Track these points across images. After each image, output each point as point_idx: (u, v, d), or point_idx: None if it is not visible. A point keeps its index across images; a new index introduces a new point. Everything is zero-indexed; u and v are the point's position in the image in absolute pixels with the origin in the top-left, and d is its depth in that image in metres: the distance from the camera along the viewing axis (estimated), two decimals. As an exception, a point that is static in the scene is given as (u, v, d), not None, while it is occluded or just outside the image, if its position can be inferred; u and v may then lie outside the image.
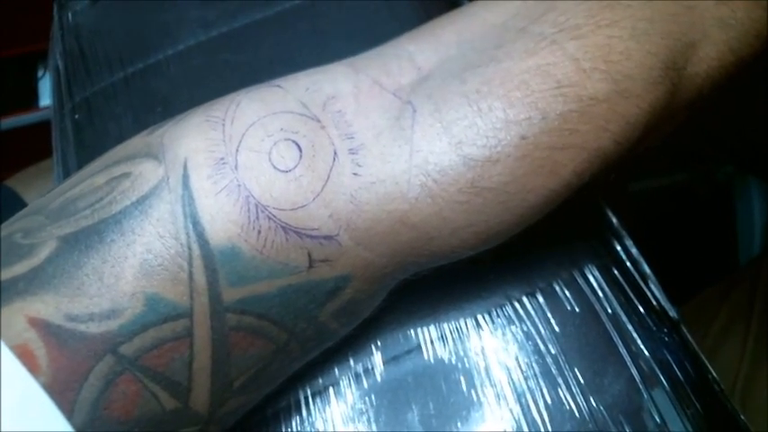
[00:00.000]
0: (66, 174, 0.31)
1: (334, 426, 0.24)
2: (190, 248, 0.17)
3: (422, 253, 0.19)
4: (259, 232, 0.18)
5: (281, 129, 0.19)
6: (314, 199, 0.18)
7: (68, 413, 0.16)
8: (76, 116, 0.32)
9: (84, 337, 0.17)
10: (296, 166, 0.18)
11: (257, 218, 0.18)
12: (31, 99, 0.94)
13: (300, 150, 0.19)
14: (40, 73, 0.95)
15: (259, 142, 0.19)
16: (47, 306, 0.17)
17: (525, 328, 0.24)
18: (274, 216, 0.18)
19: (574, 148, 0.18)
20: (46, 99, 0.94)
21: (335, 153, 0.19)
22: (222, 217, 0.18)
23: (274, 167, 0.18)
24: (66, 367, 0.16)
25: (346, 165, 0.19)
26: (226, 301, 0.18)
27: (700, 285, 0.54)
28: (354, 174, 0.19)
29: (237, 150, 0.18)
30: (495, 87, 0.18)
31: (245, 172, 0.18)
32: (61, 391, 0.16)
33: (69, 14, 0.35)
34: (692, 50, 0.20)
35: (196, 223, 0.18)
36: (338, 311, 0.20)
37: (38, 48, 0.88)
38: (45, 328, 0.16)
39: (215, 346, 0.18)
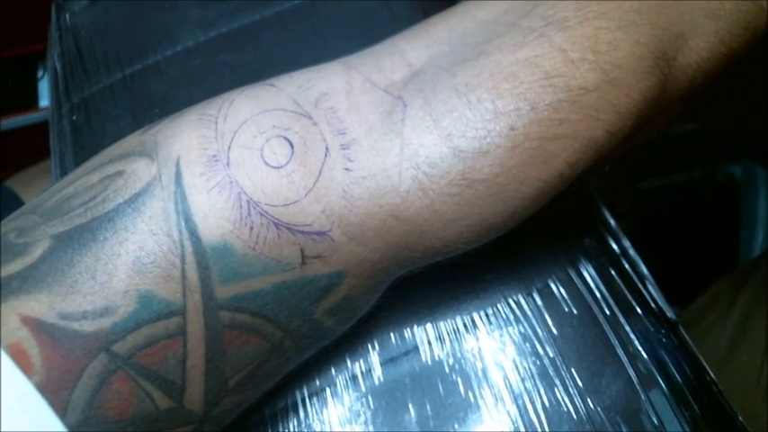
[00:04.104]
0: (64, 175, 0.31)
1: (331, 427, 0.24)
2: (182, 245, 0.17)
3: (415, 247, 0.19)
4: (251, 228, 0.18)
5: (274, 126, 0.19)
6: (306, 194, 0.18)
7: (62, 413, 0.16)
8: (74, 117, 0.32)
9: (77, 335, 0.17)
10: (288, 163, 0.18)
11: (249, 214, 0.18)
12: (30, 99, 0.94)
13: (292, 147, 0.19)
14: (39, 73, 0.95)
15: (251, 139, 0.19)
16: (40, 305, 0.17)
17: (522, 330, 0.24)
18: (266, 212, 0.18)
19: (565, 138, 0.18)
20: (46, 100, 0.94)
21: (327, 149, 0.19)
22: (214, 214, 0.18)
23: (266, 164, 0.18)
24: (59, 366, 0.16)
25: (338, 160, 0.19)
26: (219, 298, 0.18)
27: (700, 286, 0.54)
28: (346, 169, 0.19)
29: (230, 147, 0.18)
30: (484, 80, 0.18)
31: (237, 168, 0.18)
32: (54, 391, 0.16)
33: (67, 15, 0.35)
34: (681, 41, 0.20)
35: (188, 220, 0.18)
36: (333, 309, 0.20)
37: (38, 48, 0.89)
38: (38, 327, 0.16)
39: (209, 344, 0.18)
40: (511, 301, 0.25)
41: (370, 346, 0.25)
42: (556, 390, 0.23)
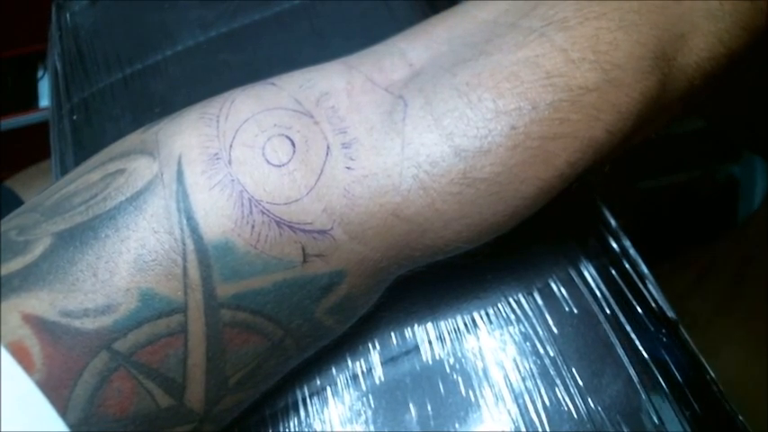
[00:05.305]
0: (64, 175, 0.31)
1: (332, 426, 0.24)
2: (184, 243, 0.17)
3: (416, 246, 0.19)
4: (253, 227, 0.18)
5: (275, 124, 0.19)
6: (307, 193, 0.18)
7: (62, 411, 0.16)
8: (75, 117, 0.32)
9: (78, 332, 0.17)
10: (289, 161, 0.19)
11: (251, 212, 0.18)
12: (30, 99, 0.95)
13: (294, 145, 0.19)
14: (39, 73, 0.95)
15: (253, 138, 0.19)
16: (41, 302, 0.17)
17: (523, 329, 0.24)
18: (268, 210, 0.18)
19: (566, 138, 0.18)
20: (46, 100, 0.94)
21: (329, 148, 0.19)
22: (216, 212, 0.18)
23: (268, 162, 0.18)
24: (60, 364, 0.16)
25: (339, 159, 0.19)
26: (220, 296, 0.18)
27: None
28: (347, 168, 0.19)
29: (231, 146, 0.19)
30: (485, 79, 0.18)
31: (238, 167, 0.18)
32: (55, 389, 0.16)
33: (67, 15, 0.35)
34: (681, 41, 0.20)
35: (190, 218, 0.18)
36: (333, 308, 0.20)
37: (38, 48, 0.89)
38: (39, 325, 0.16)
39: (209, 342, 0.18)
40: (511, 300, 0.25)
41: (370, 345, 0.25)
42: (556, 389, 0.23)
